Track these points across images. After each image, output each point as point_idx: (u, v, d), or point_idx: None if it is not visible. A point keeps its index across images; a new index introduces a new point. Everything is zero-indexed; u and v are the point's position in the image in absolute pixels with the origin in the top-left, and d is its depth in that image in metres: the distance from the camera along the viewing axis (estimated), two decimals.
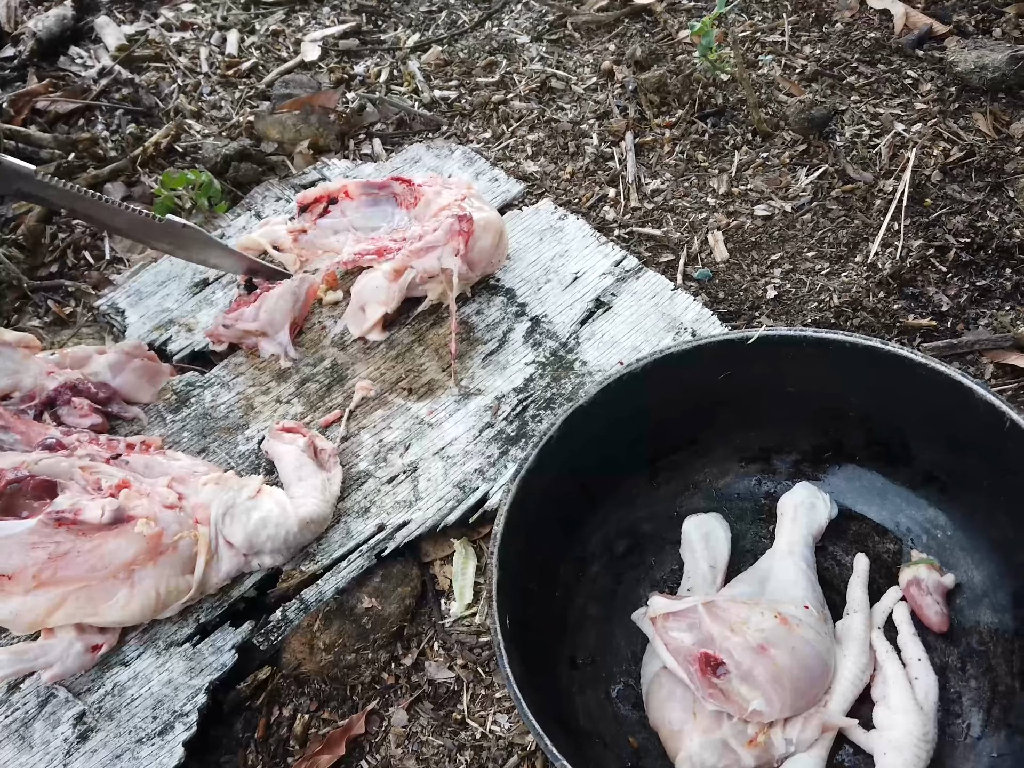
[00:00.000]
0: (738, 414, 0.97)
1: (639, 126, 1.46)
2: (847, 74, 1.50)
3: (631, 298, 1.16)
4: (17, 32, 1.68)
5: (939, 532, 0.93)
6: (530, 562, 0.86)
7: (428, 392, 1.10)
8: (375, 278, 1.11)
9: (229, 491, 0.94)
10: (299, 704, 0.93)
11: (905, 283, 1.22)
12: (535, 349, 1.12)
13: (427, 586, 0.99)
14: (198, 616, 0.93)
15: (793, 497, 0.95)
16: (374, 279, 1.11)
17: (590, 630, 0.91)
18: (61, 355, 1.09)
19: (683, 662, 0.82)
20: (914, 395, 0.89)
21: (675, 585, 0.94)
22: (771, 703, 0.79)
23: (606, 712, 0.87)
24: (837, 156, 1.37)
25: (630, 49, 1.55)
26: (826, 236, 1.29)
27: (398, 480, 1.03)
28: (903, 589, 0.89)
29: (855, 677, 0.83)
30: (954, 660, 0.87)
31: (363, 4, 1.74)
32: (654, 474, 0.98)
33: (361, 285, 1.12)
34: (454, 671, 0.94)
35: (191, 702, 0.89)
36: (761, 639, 0.80)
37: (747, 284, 1.24)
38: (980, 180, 1.33)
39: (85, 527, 0.87)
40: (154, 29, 1.70)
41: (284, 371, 1.13)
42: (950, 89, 1.45)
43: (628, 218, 1.33)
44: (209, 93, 1.58)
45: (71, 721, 0.88)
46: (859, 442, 0.96)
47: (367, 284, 1.11)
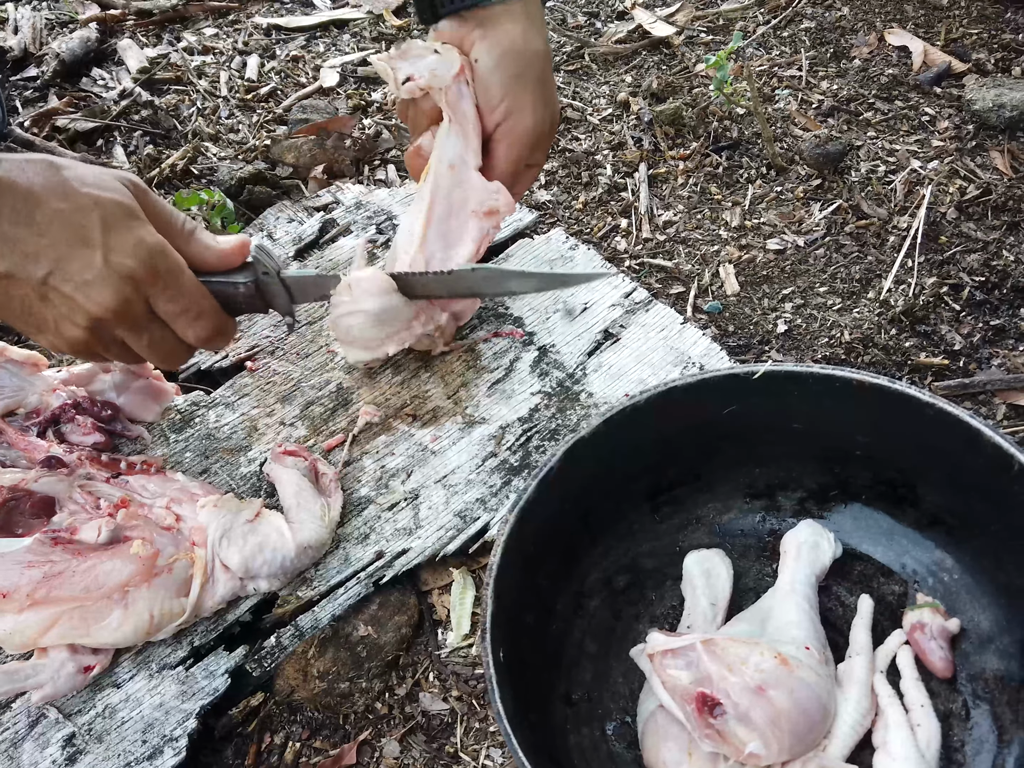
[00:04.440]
0: (743, 450, 0.96)
1: (653, 157, 1.46)
2: (864, 110, 1.50)
3: (640, 331, 1.16)
4: (41, 53, 1.70)
5: (945, 575, 0.91)
6: (527, 595, 0.85)
7: (432, 419, 1.10)
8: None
9: (227, 514, 0.93)
10: (291, 732, 0.92)
11: (918, 321, 1.21)
12: (541, 379, 1.12)
13: (424, 615, 0.98)
14: (192, 639, 0.93)
15: (797, 535, 0.93)
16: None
17: (586, 666, 0.89)
18: (68, 373, 1.09)
19: (680, 701, 0.80)
20: (921, 435, 0.88)
21: (675, 621, 0.92)
22: (768, 746, 0.77)
23: (600, 750, 0.85)
24: (852, 192, 1.37)
25: (647, 81, 1.56)
26: (839, 271, 1.28)
27: (399, 507, 1.02)
28: (907, 633, 0.88)
29: (856, 722, 0.81)
30: (958, 707, 0.85)
31: (383, 32, 1.76)
32: (656, 508, 0.97)
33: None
34: (448, 703, 0.93)
35: (181, 727, 0.88)
36: (760, 680, 0.79)
37: (757, 318, 1.23)
38: (996, 219, 1.32)
39: (81, 546, 0.87)
40: (176, 52, 1.72)
41: (289, 393, 1.13)
42: (967, 127, 1.45)
43: (639, 249, 1.33)
44: (227, 116, 1.60)
45: (60, 743, 0.87)
46: (865, 481, 0.95)
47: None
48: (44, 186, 0.81)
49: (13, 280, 0.82)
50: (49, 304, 0.83)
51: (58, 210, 0.81)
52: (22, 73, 1.67)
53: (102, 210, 0.83)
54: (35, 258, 0.81)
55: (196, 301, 0.89)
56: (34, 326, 0.86)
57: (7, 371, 1.05)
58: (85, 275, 0.82)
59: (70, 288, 0.82)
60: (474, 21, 0.98)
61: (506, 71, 0.98)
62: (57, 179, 0.82)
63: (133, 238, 0.84)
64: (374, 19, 1.79)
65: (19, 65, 1.69)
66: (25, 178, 0.80)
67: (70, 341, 0.86)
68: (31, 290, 0.82)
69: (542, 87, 1.00)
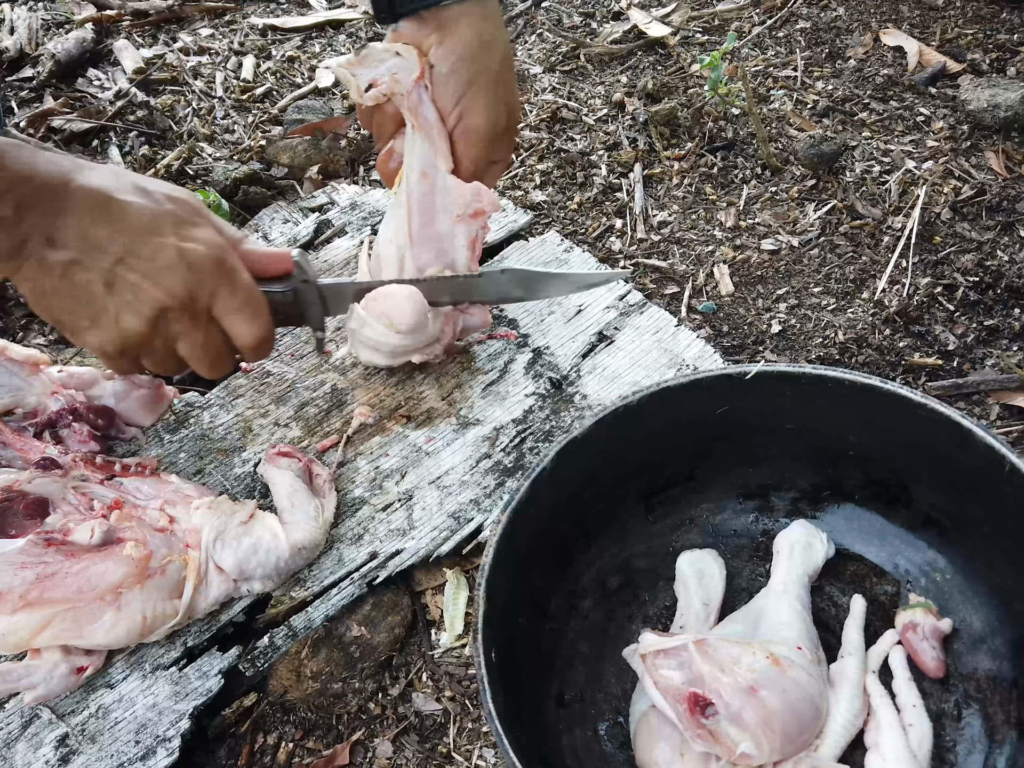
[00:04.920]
0: (736, 450, 0.96)
1: (648, 158, 1.46)
2: (859, 110, 1.50)
3: (634, 333, 1.16)
4: (37, 53, 1.70)
5: (938, 575, 0.92)
6: (519, 595, 0.85)
7: (427, 420, 1.10)
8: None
9: (221, 516, 0.93)
10: (284, 732, 0.92)
11: (912, 321, 1.21)
12: (536, 381, 1.12)
13: (418, 616, 0.98)
14: (185, 640, 0.93)
15: (790, 536, 0.93)
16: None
17: (579, 666, 0.89)
18: (68, 374, 1.09)
19: (672, 701, 0.80)
20: (914, 435, 0.88)
21: (668, 622, 0.92)
22: (760, 746, 0.77)
23: (593, 751, 0.85)
24: (846, 192, 1.37)
25: (642, 81, 1.56)
26: (833, 272, 1.28)
27: (393, 508, 1.02)
28: (899, 633, 0.88)
29: (848, 722, 0.82)
30: (950, 707, 0.85)
31: (379, 32, 1.76)
32: (650, 509, 0.97)
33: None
34: (441, 703, 0.93)
35: (174, 727, 0.88)
36: (752, 680, 0.79)
37: (752, 318, 1.23)
38: (991, 219, 1.32)
39: (74, 548, 0.87)
40: (172, 53, 1.72)
41: (283, 394, 1.13)
42: (962, 127, 1.45)
43: (634, 249, 1.33)
44: (223, 117, 1.60)
45: (54, 743, 0.87)
46: (858, 482, 0.95)
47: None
48: (115, 183, 0.83)
49: (79, 266, 0.82)
50: (113, 292, 0.83)
51: (131, 202, 0.83)
52: (18, 74, 1.67)
53: (173, 204, 0.86)
54: (106, 243, 0.82)
55: (255, 299, 0.90)
56: (89, 317, 0.85)
57: (6, 370, 1.05)
58: (156, 262, 0.83)
59: (139, 275, 0.83)
60: (433, 22, 0.99)
61: (460, 77, 0.99)
62: (127, 179, 0.85)
63: (202, 233, 0.86)
64: (370, 19, 1.79)
65: (15, 66, 1.69)
66: (96, 176, 0.83)
67: (126, 335, 0.85)
68: (98, 275, 0.82)
69: (496, 87, 1.01)
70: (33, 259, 0.81)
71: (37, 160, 0.81)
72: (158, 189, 0.86)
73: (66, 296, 0.83)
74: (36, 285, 0.83)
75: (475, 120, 1.01)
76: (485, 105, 1.01)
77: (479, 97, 1.00)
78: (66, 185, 0.81)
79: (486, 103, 1.01)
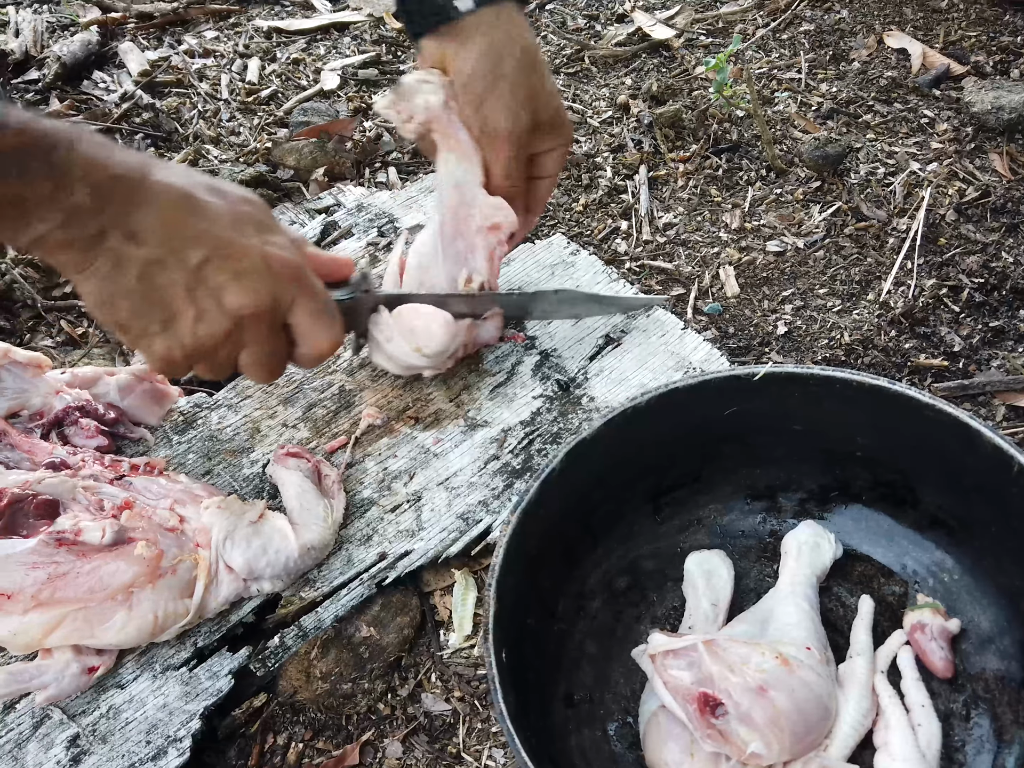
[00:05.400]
0: (744, 451, 0.96)
1: (653, 160, 1.46)
2: (863, 112, 1.51)
3: (641, 336, 1.16)
4: (42, 56, 1.70)
5: (946, 576, 0.92)
6: (529, 596, 0.86)
7: (435, 422, 1.10)
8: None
9: (231, 516, 0.93)
10: (294, 733, 0.92)
11: (917, 322, 1.21)
12: (543, 383, 1.12)
13: (426, 616, 0.98)
14: (196, 640, 0.93)
15: (798, 536, 0.94)
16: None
17: (588, 667, 0.90)
18: (71, 375, 1.10)
19: (681, 701, 0.80)
20: (921, 436, 0.88)
21: (676, 623, 0.93)
22: (770, 746, 0.78)
23: (602, 751, 0.85)
24: (851, 194, 1.37)
25: (646, 83, 1.56)
26: (838, 273, 1.28)
27: (401, 509, 1.03)
28: (907, 633, 0.88)
29: (856, 722, 0.82)
30: (958, 707, 0.85)
31: (384, 35, 1.77)
32: (657, 510, 0.98)
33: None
34: (451, 703, 0.93)
35: (185, 727, 0.88)
36: (761, 680, 0.79)
37: (757, 320, 1.24)
38: (995, 220, 1.32)
39: (85, 548, 0.87)
40: (177, 55, 1.72)
41: (291, 395, 1.13)
42: (966, 129, 1.45)
43: (640, 251, 1.33)
44: (228, 119, 1.60)
45: (65, 743, 0.87)
46: (866, 482, 0.95)
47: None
48: (190, 181, 0.79)
49: (161, 266, 0.77)
50: (194, 295, 0.78)
51: (211, 201, 0.79)
52: (23, 76, 1.68)
53: (252, 207, 0.83)
54: (193, 243, 0.77)
55: (332, 307, 0.88)
56: (162, 322, 0.79)
57: (11, 373, 1.05)
58: (243, 265, 0.79)
59: (226, 277, 0.79)
60: (450, 36, 0.98)
61: (476, 86, 0.99)
62: (200, 178, 0.81)
63: (280, 238, 0.83)
64: (374, 22, 1.79)
65: (20, 68, 1.69)
66: (172, 173, 0.79)
67: (201, 341, 0.81)
68: (181, 277, 0.77)
69: (515, 89, 1.00)
70: (111, 254, 0.75)
71: (112, 149, 0.76)
72: (232, 191, 0.82)
73: (139, 298, 0.77)
74: (106, 285, 0.76)
75: (495, 123, 1.00)
76: (504, 106, 1.00)
77: (496, 101, 1.00)
78: (145, 178, 0.76)
79: (505, 104, 1.00)
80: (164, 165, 0.79)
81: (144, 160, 0.78)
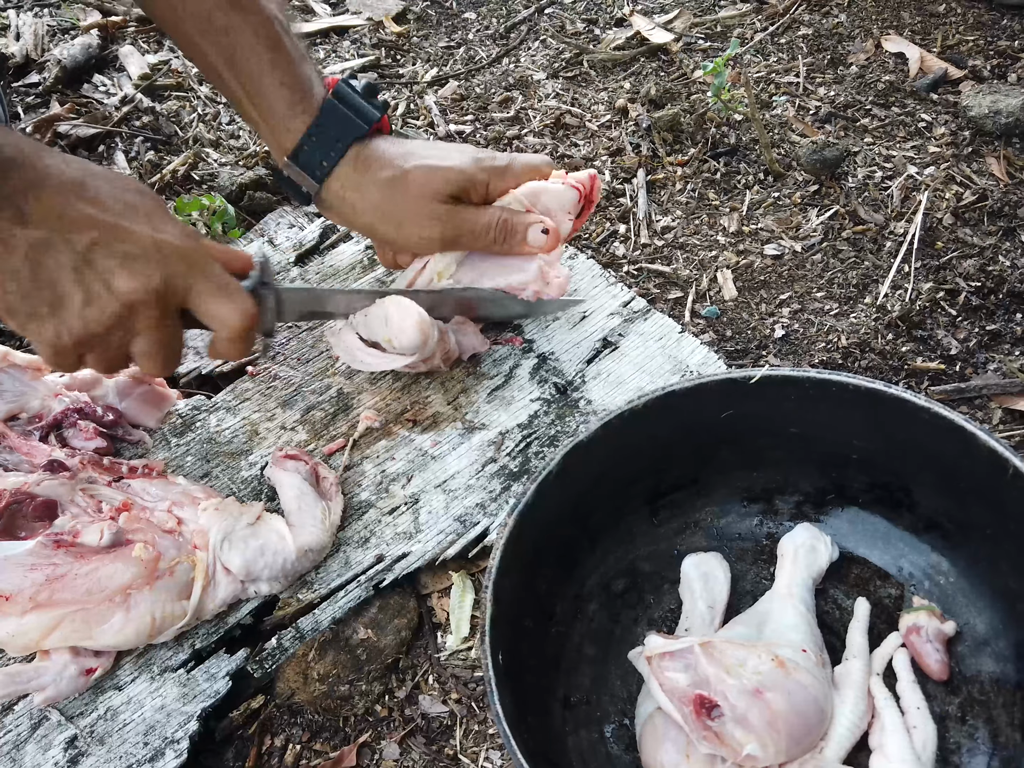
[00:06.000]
0: (740, 454, 0.97)
1: (651, 163, 1.47)
2: (861, 116, 1.51)
3: (638, 339, 1.16)
4: (43, 59, 1.71)
5: (942, 578, 0.92)
6: (526, 598, 0.86)
7: (433, 425, 1.10)
8: None
9: (228, 517, 0.94)
10: (291, 734, 0.93)
11: (914, 326, 1.21)
12: (541, 386, 1.12)
13: (424, 618, 0.99)
14: (193, 642, 0.93)
15: (794, 539, 0.94)
16: None
17: (585, 669, 0.90)
18: (70, 377, 1.10)
19: (678, 703, 0.81)
20: (917, 439, 0.88)
21: (673, 625, 0.93)
22: (765, 748, 0.78)
23: (599, 753, 0.86)
24: (849, 197, 1.38)
25: (645, 87, 1.56)
26: (836, 277, 1.29)
27: (399, 511, 1.03)
28: (903, 635, 0.88)
29: (852, 724, 0.82)
30: (954, 709, 0.86)
31: (383, 39, 1.77)
32: (654, 512, 0.98)
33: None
34: (448, 705, 0.94)
35: (183, 729, 0.88)
36: (757, 682, 0.79)
37: (755, 323, 1.24)
38: (992, 224, 1.33)
39: (83, 549, 0.88)
40: (177, 59, 1.73)
41: (290, 398, 1.13)
42: (964, 133, 1.46)
43: (638, 254, 1.34)
44: (228, 122, 1.61)
45: (63, 745, 0.88)
46: (862, 485, 0.95)
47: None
48: (83, 167, 0.81)
49: (50, 248, 0.77)
50: (82, 278, 0.78)
51: (105, 188, 0.80)
52: (24, 79, 1.68)
53: (145, 198, 0.83)
54: (84, 225, 0.77)
55: (231, 284, 0.87)
56: (49, 304, 0.79)
57: (10, 376, 1.05)
58: (133, 249, 0.79)
59: (115, 262, 0.79)
60: (335, 208, 1.05)
61: (372, 222, 1.05)
62: (91, 166, 0.82)
63: (171, 226, 0.84)
64: (374, 26, 1.80)
65: (21, 71, 1.70)
66: (64, 157, 0.80)
67: (88, 326, 0.80)
68: (69, 259, 0.77)
69: (374, 222, 1.05)
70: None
71: (5, 134, 0.77)
72: (125, 181, 0.84)
73: (26, 279, 0.77)
74: None
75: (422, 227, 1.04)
76: (416, 210, 1.02)
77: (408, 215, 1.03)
78: (36, 161, 0.77)
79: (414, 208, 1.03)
80: (58, 152, 0.80)
81: (37, 146, 0.79)
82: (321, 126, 0.99)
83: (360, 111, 1.01)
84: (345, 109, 1.00)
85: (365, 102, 1.01)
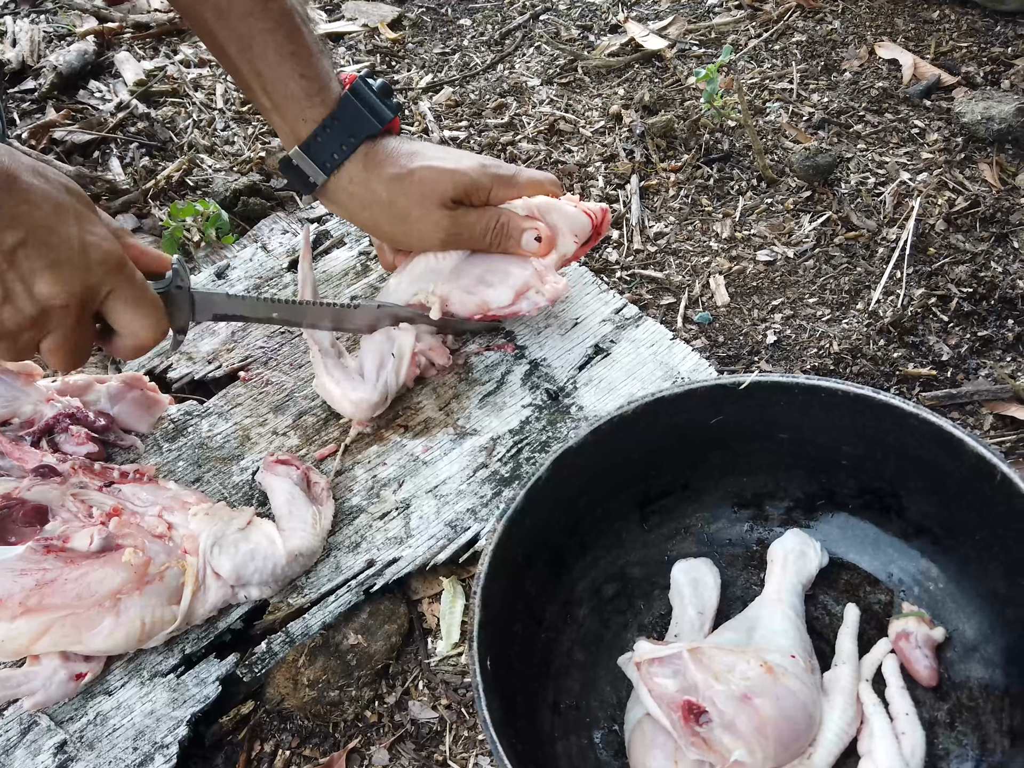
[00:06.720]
0: (730, 460, 0.97)
1: (645, 169, 1.47)
2: (854, 122, 1.51)
3: (630, 346, 1.17)
4: (39, 66, 1.71)
5: (931, 584, 0.92)
6: (515, 604, 0.86)
7: (424, 430, 1.10)
8: None
9: (219, 522, 0.94)
10: (281, 740, 0.93)
11: (906, 332, 1.22)
12: (532, 392, 1.13)
13: (414, 624, 0.99)
14: (183, 647, 0.93)
15: (784, 544, 0.94)
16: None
17: (575, 674, 0.90)
18: (62, 382, 1.10)
19: (666, 709, 0.81)
20: (906, 445, 0.88)
21: (663, 630, 0.93)
22: (753, 754, 0.78)
23: (588, 758, 0.86)
24: (841, 203, 1.38)
25: (639, 94, 1.57)
26: (828, 283, 1.29)
27: (390, 516, 1.03)
28: (892, 641, 0.88)
29: (841, 730, 0.82)
30: (943, 715, 0.86)
31: (378, 45, 1.77)
32: (645, 518, 0.98)
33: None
34: (438, 711, 0.94)
35: (172, 734, 0.88)
36: (745, 688, 0.79)
37: (747, 329, 1.24)
38: (984, 230, 1.33)
39: (73, 554, 0.88)
40: (172, 65, 1.73)
41: (282, 403, 1.13)
42: (956, 139, 1.46)
43: (631, 260, 1.34)
44: (223, 128, 1.61)
45: (52, 750, 0.88)
46: (851, 491, 0.96)
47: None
48: (14, 162, 0.79)
49: None
50: (4, 277, 0.78)
51: (34, 184, 0.79)
52: (20, 85, 1.69)
53: (74, 196, 0.83)
54: (12, 223, 0.77)
55: (151, 298, 0.88)
56: None
57: (2, 381, 1.05)
58: (60, 252, 0.79)
59: (40, 264, 0.78)
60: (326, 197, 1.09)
61: (375, 218, 1.08)
62: (24, 160, 0.81)
63: (100, 229, 0.84)
64: (369, 32, 1.80)
65: (17, 78, 1.70)
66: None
67: (3, 323, 0.80)
68: None
69: (378, 222, 1.09)
70: None
71: None
72: (56, 177, 0.82)
73: None
74: None
75: (426, 229, 1.07)
76: (422, 213, 1.05)
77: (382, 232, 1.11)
78: None
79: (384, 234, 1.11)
80: None
81: None
82: (337, 119, 1.02)
83: (375, 109, 1.03)
84: (361, 106, 1.03)
85: (380, 102, 1.04)
